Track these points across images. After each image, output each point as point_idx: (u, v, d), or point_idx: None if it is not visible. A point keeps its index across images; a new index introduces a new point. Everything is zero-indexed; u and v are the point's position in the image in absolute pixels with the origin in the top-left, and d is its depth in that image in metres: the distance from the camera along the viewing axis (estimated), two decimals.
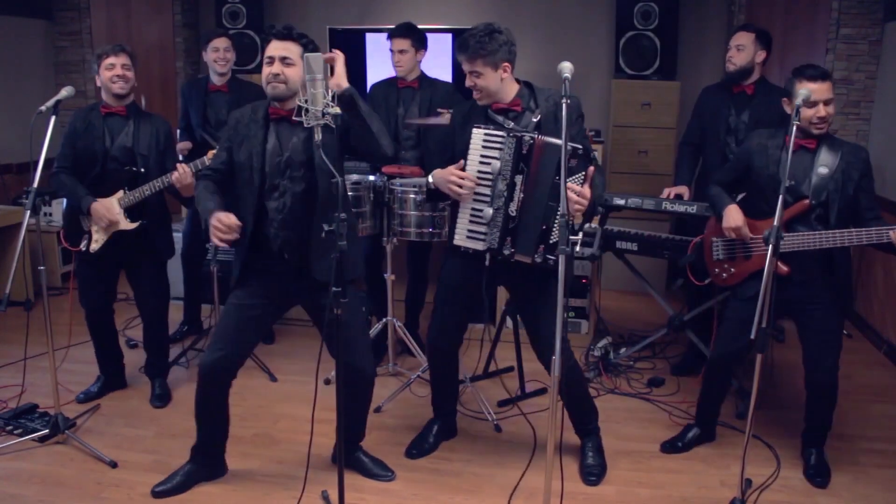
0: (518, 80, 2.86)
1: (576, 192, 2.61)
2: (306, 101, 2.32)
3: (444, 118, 3.52)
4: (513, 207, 2.74)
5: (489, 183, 2.77)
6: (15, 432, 3.22)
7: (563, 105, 2.37)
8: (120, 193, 3.33)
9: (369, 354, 2.95)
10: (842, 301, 2.98)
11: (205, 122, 4.18)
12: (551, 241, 2.68)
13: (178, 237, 4.40)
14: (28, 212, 2.88)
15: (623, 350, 4.16)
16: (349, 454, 2.98)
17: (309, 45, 2.64)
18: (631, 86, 5.12)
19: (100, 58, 3.31)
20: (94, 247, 3.37)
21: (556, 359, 2.26)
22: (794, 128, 2.66)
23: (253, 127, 2.70)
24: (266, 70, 2.63)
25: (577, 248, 2.62)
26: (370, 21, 5.68)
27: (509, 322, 4.08)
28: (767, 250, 2.53)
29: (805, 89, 2.76)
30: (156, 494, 2.82)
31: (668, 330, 4.01)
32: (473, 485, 2.96)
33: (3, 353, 4.08)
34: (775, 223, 2.54)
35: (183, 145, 4.20)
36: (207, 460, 2.94)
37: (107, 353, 3.65)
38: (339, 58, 2.59)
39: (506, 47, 2.75)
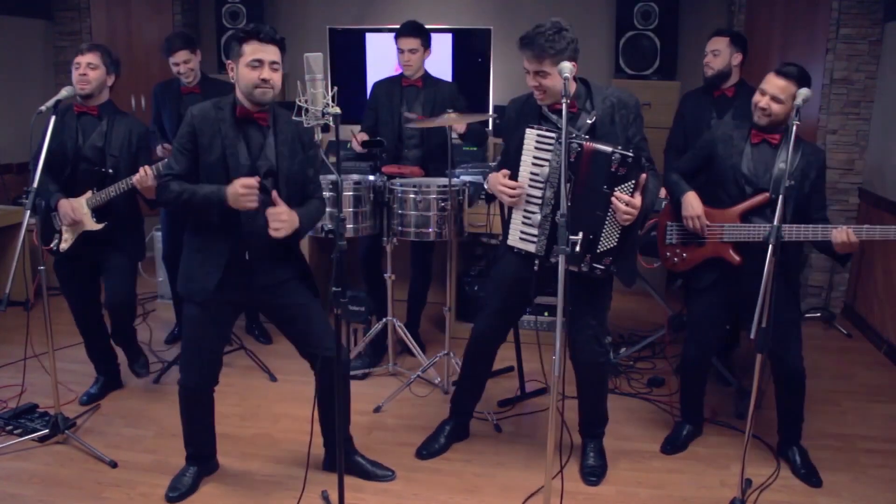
0: (575, 79, 2.72)
1: (624, 201, 2.58)
2: (306, 101, 2.31)
3: (446, 118, 3.52)
4: (559, 216, 2.70)
5: (541, 185, 2.72)
6: (15, 432, 3.22)
7: (564, 105, 2.37)
8: (88, 194, 3.32)
9: (333, 336, 2.73)
10: (791, 281, 3.04)
11: (178, 123, 4.12)
12: (598, 251, 2.66)
13: (159, 236, 4.36)
14: (28, 212, 2.87)
15: (623, 350, 4.16)
16: (345, 457, 2.94)
17: (283, 50, 2.63)
18: (631, 86, 5.11)
19: (74, 56, 3.29)
20: (64, 246, 3.35)
21: (556, 358, 2.26)
22: (793, 128, 2.66)
23: (223, 126, 2.61)
24: (253, 74, 2.54)
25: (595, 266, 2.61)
26: (370, 21, 5.68)
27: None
28: (720, 240, 2.61)
29: (804, 90, 2.76)
30: (171, 500, 2.80)
31: (668, 330, 4.01)
32: (473, 485, 2.96)
33: (4, 353, 4.08)
34: (775, 223, 2.54)
35: (169, 146, 4.17)
36: (205, 460, 2.96)
37: (98, 353, 3.65)
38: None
39: (572, 45, 2.66)
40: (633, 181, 2.60)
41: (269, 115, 2.67)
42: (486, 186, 2.90)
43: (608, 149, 2.60)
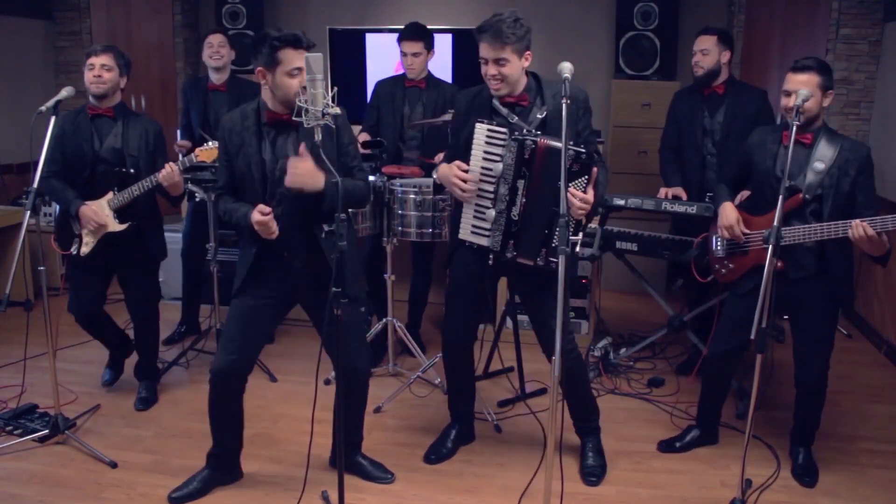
0: (526, 73, 2.79)
1: (578, 197, 2.59)
2: (306, 102, 2.31)
3: (448, 117, 3.52)
4: (515, 212, 2.72)
5: (492, 180, 2.74)
6: (15, 432, 3.22)
7: (564, 106, 2.36)
8: (109, 195, 3.33)
9: (364, 353, 2.94)
10: (838, 300, 2.96)
11: (204, 121, 4.19)
12: (553, 245, 2.65)
13: (177, 237, 4.42)
14: (28, 212, 2.88)
15: (623, 350, 4.16)
16: (348, 458, 2.96)
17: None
18: (631, 86, 5.12)
19: (86, 57, 3.30)
20: (85, 250, 3.36)
21: (556, 359, 2.26)
22: (794, 128, 2.66)
23: (246, 136, 2.66)
24: (294, 82, 2.55)
25: (578, 249, 2.64)
26: (370, 21, 5.68)
27: (509, 322, 4.08)
28: (767, 249, 2.51)
29: (803, 91, 2.75)
30: (173, 500, 2.79)
31: (668, 330, 4.01)
32: (473, 485, 2.96)
33: (4, 354, 4.09)
34: (775, 223, 2.53)
35: (183, 143, 4.22)
36: (223, 465, 2.91)
37: (114, 341, 3.70)
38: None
39: (528, 35, 2.69)
40: (587, 176, 2.62)
41: (295, 111, 2.67)
42: (434, 178, 2.89)
43: (560, 144, 2.58)
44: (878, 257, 2.76)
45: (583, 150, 2.62)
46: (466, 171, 2.75)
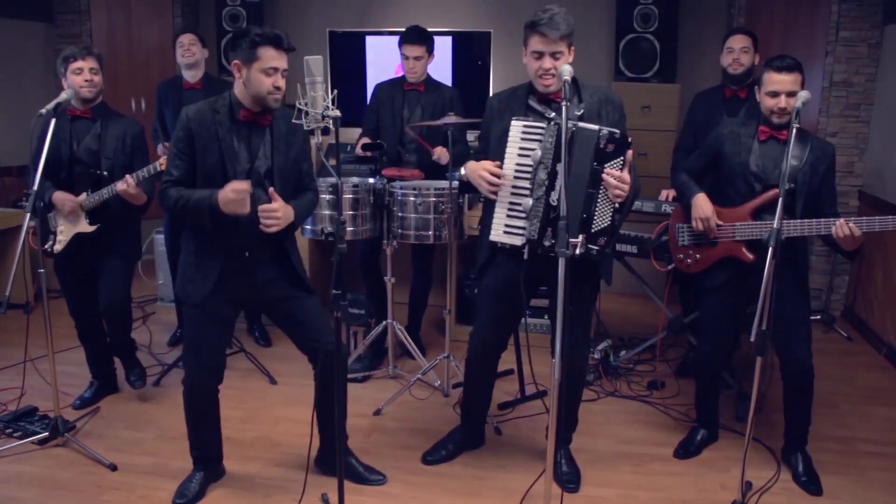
0: None
1: (615, 176, 2.56)
2: (306, 104, 2.31)
3: (449, 119, 3.53)
4: (554, 196, 2.63)
5: (528, 175, 2.67)
6: (14, 435, 3.22)
7: (564, 108, 2.36)
8: (83, 196, 3.32)
9: (330, 329, 2.74)
10: (802, 287, 3.02)
11: None
12: (593, 230, 2.62)
13: (159, 238, 4.36)
14: (28, 214, 2.88)
15: (623, 353, 4.16)
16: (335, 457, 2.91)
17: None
18: (631, 88, 5.12)
19: (66, 60, 3.28)
20: (58, 247, 3.35)
21: (556, 361, 2.26)
22: (794, 130, 2.65)
23: (220, 130, 2.60)
24: (268, 81, 2.53)
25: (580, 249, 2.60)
26: (370, 24, 5.69)
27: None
28: (733, 239, 2.58)
29: (803, 92, 2.76)
30: None
31: (668, 333, 4.01)
32: (473, 488, 2.96)
33: (3, 356, 4.08)
34: (775, 225, 2.53)
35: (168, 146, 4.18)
36: (211, 464, 2.94)
37: (94, 356, 3.65)
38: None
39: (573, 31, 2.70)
40: (622, 157, 2.59)
41: (271, 115, 2.68)
42: (462, 173, 2.85)
43: (595, 126, 2.59)
44: (849, 252, 2.89)
45: (616, 131, 2.58)
46: (499, 169, 2.69)
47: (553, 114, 2.73)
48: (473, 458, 3.17)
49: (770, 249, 2.51)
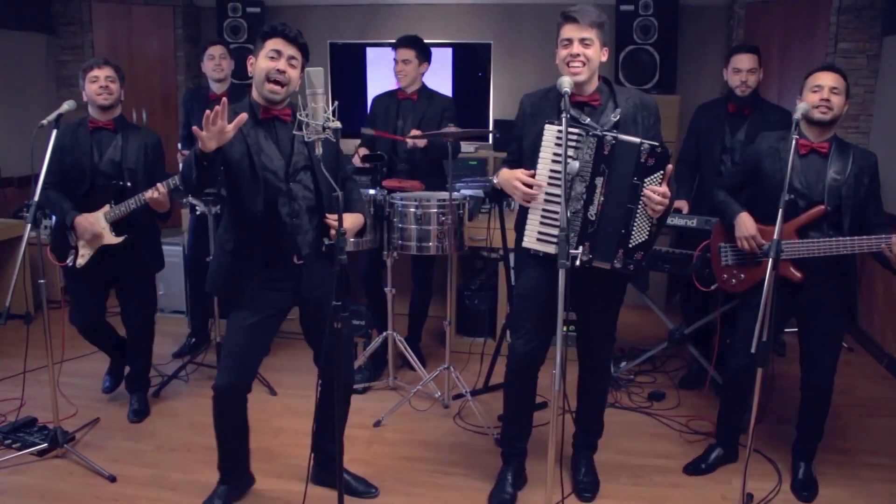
0: (599, 76, 2.71)
1: (657, 192, 2.52)
2: (307, 115, 2.32)
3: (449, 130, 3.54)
4: (592, 211, 2.59)
5: (560, 182, 2.54)
6: (14, 446, 3.21)
7: (564, 119, 2.36)
8: (106, 207, 3.33)
9: (352, 366, 2.92)
10: (848, 305, 2.99)
11: None
12: (630, 246, 2.59)
13: (177, 250, 4.40)
14: (29, 225, 2.88)
15: (624, 364, 4.15)
16: (331, 472, 2.85)
17: (306, 59, 2.63)
18: None
19: (84, 71, 3.32)
20: (80, 262, 3.36)
21: (557, 372, 2.26)
22: (793, 141, 2.64)
23: (244, 128, 2.54)
24: (270, 64, 2.53)
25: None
26: (370, 36, 5.72)
27: (510, 335, 4.08)
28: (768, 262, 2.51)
29: (804, 104, 2.77)
30: None
31: (669, 344, 4.01)
32: (474, 499, 2.95)
33: (3, 367, 4.08)
34: (775, 236, 2.52)
35: (186, 153, 4.22)
36: (238, 476, 2.87)
37: (116, 349, 3.70)
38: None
39: (606, 30, 2.67)
40: (662, 171, 2.54)
41: (291, 111, 2.66)
42: (494, 181, 2.79)
43: (636, 140, 2.55)
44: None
45: (657, 144, 2.55)
46: (532, 177, 2.63)
47: (587, 119, 2.66)
48: (474, 470, 3.16)
49: (770, 261, 2.50)
